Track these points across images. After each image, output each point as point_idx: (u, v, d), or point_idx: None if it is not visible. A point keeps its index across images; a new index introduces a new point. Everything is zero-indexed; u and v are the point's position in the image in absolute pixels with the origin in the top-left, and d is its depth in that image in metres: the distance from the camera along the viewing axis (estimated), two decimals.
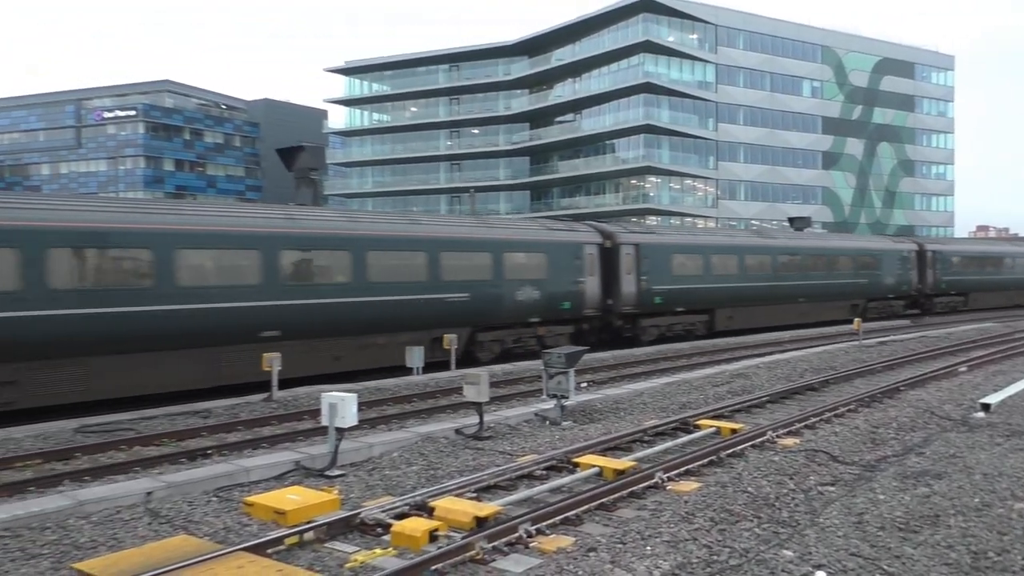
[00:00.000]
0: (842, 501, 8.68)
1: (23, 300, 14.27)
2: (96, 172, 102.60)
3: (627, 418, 14.14)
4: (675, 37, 71.33)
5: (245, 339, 17.04)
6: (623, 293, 25.95)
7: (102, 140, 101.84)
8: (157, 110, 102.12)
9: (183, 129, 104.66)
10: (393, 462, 10.99)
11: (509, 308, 22.72)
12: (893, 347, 25.32)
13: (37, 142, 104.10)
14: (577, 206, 76.18)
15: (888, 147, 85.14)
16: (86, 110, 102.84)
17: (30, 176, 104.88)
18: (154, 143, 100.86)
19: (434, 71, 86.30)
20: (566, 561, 6.98)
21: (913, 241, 42.58)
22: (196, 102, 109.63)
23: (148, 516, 8.62)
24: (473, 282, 21.78)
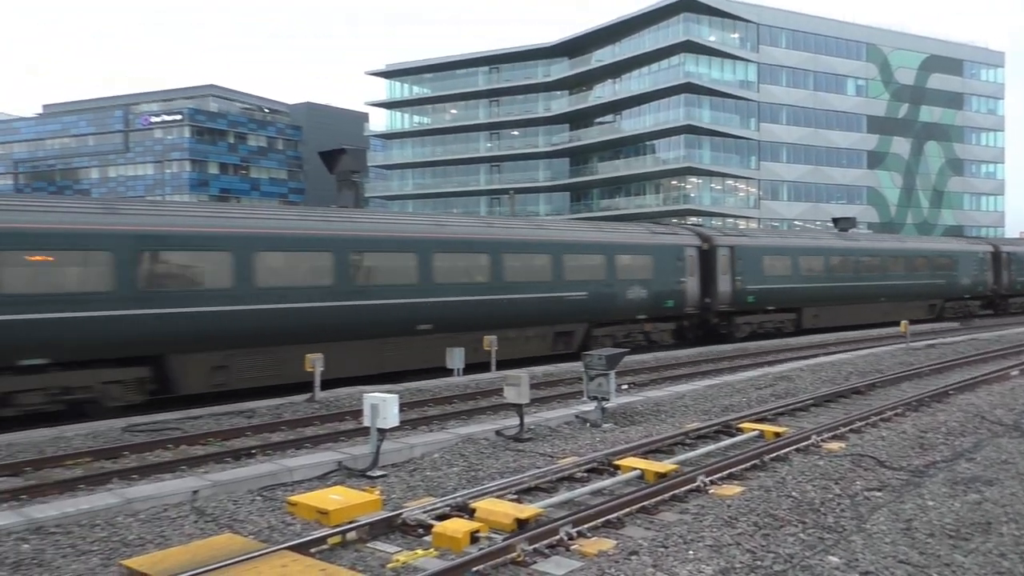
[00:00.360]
0: (890, 507, 8.52)
1: (235, 297, 16.51)
2: (143, 176, 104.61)
3: (668, 421, 14.04)
4: (716, 36, 70.73)
5: (405, 332, 19.51)
6: (719, 292, 27.82)
7: (149, 144, 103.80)
8: (202, 114, 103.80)
9: (227, 133, 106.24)
10: (434, 463, 11.03)
11: (621, 306, 24.83)
12: (942, 350, 24.81)
13: (87, 146, 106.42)
14: (617, 207, 75.89)
15: (936, 146, 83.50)
16: (134, 115, 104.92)
17: (80, 180, 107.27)
18: (199, 147, 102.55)
19: (474, 73, 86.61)
20: (607, 564, 6.95)
21: (988, 243, 43.63)
22: (240, 106, 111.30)
23: (194, 514, 8.75)
24: (590, 282, 23.90)
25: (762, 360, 23.11)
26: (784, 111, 73.35)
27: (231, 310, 16.53)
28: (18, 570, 7.20)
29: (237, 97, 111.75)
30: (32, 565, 7.30)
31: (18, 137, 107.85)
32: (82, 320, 14.58)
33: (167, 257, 16.07)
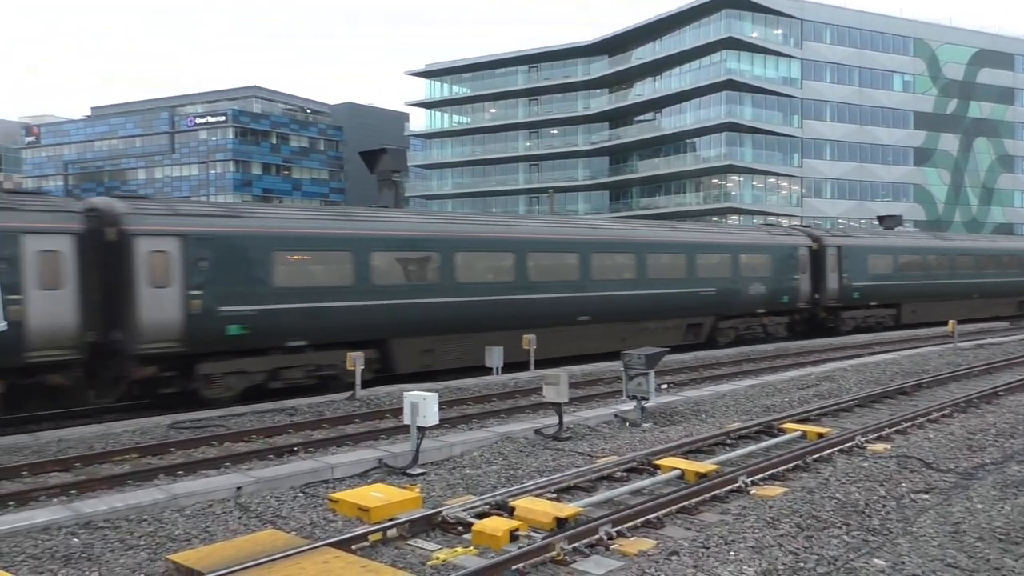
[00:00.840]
0: (937, 509, 8.36)
1: (441, 291, 19.57)
2: (188, 176, 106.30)
3: (709, 420, 13.92)
4: (759, 33, 69.91)
5: (567, 322, 22.30)
6: (828, 289, 29.90)
7: (194, 145, 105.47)
8: (246, 115, 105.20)
9: (270, 133, 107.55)
10: (473, 461, 11.06)
11: (744, 300, 27.25)
12: (991, 350, 24.29)
13: (134, 148, 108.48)
14: (656, 206, 75.42)
15: (985, 142, 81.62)
16: (179, 116, 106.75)
17: (127, 180, 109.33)
18: (242, 147, 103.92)
19: (513, 72, 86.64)
20: (647, 564, 6.91)
21: None
22: (282, 107, 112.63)
23: (238, 510, 8.88)
24: (718, 279, 26.38)
25: (804, 360, 22.81)
26: (828, 107, 72.26)
27: (438, 302, 19.54)
28: (68, 563, 7.36)
29: (279, 98, 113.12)
30: (82, 559, 7.46)
31: (68, 139, 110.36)
32: (332, 309, 17.70)
33: (391, 257, 19.01)
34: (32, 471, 10.68)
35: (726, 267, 26.57)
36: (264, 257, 16.72)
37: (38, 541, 7.79)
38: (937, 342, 26.55)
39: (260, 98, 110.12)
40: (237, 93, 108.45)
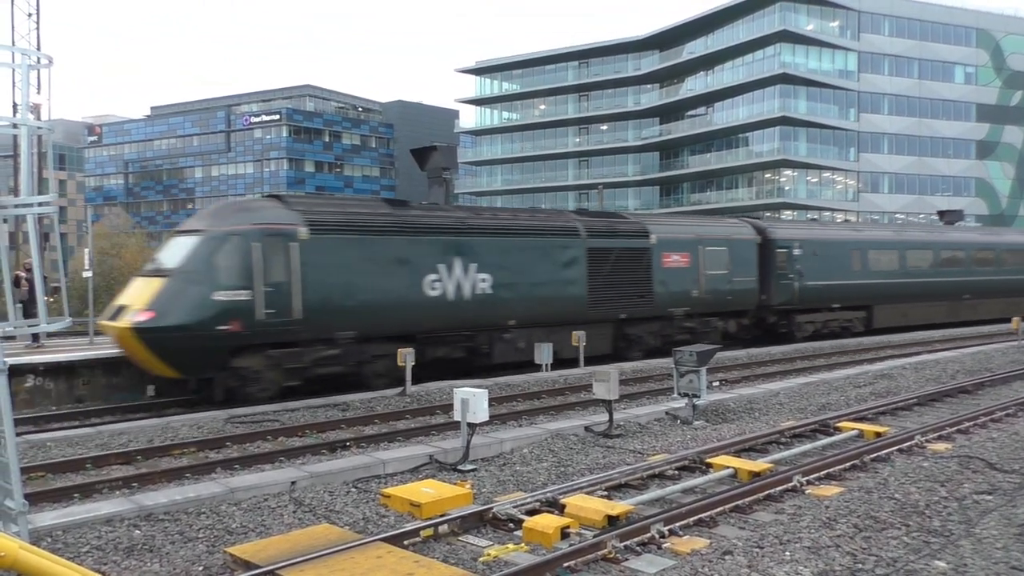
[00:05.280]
0: (1001, 511, 8.13)
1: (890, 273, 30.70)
2: (244, 174, 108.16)
3: (762, 419, 13.73)
4: (814, 25, 68.66)
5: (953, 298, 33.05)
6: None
7: (249, 144, 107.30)
8: (299, 114, 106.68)
9: (323, 132, 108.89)
10: (523, 458, 11.07)
11: None
12: None
13: (191, 147, 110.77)
14: (708, 201, 74.61)
15: None
16: (235, 115, 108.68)
17: (185, 179, 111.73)
18: (296, 146, 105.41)
19: (563, 68, 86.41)
20: (701, 563, 6.84)
21: None
22: (335, 105, 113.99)
23: (292, 504, 9.01)
24: None
25: (861, 358, 22.36)
26: (886, 100, 70.68)
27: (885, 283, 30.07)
28: (131, 555, 7.54)
29: (332, 96, 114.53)
30: (144, 551, 7.64)
31: (129, 138, 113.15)
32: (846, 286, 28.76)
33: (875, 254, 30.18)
34: (96, 463, 10.97)
35: None
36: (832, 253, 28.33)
37: (101, 532, 7.99)
38: (1001, 339, 25.82)
39: (313, 96, 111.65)
40: (291, 92, 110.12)
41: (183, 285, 15.39)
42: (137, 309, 15.17)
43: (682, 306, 23.56)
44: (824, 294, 27.82)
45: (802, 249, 27.24)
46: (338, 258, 16.84)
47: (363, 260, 17.28)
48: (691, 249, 24.05)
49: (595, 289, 21.35)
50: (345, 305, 16.86)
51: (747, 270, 25.49)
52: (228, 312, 15.30)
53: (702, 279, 24.12)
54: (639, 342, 22.63)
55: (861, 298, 29.17)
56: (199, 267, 15.52)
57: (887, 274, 30.29)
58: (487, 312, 19.29)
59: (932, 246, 33.00)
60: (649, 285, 22.75)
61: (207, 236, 15.93)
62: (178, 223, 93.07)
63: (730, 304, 25.04)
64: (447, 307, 18.50)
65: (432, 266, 18.29)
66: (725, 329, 25.08)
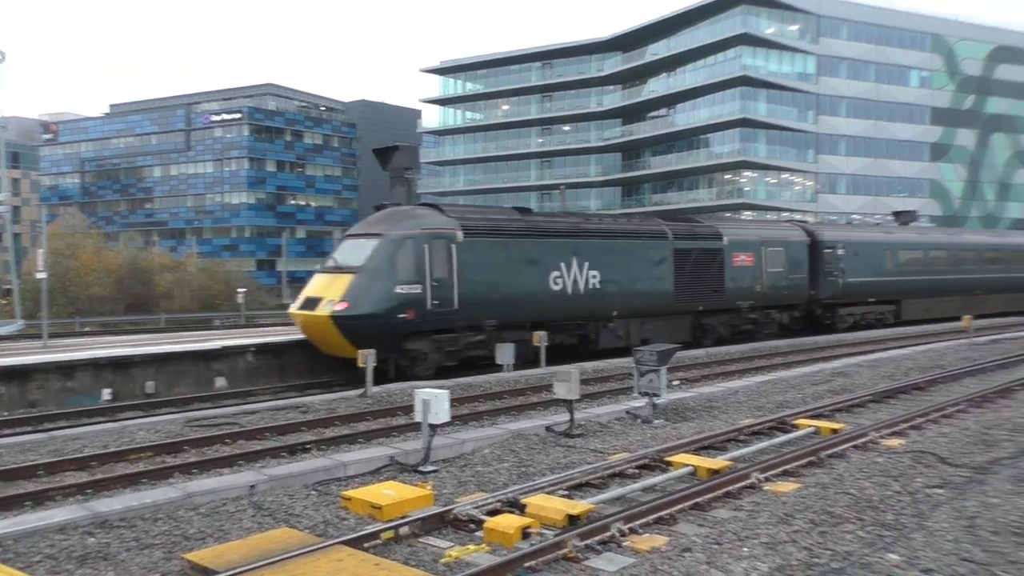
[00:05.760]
0: (952, 504, 8.32)
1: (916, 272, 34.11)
2: (203, 174, 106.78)
3: (721, 417, 13.89)
4: (775, 29, 69.57)
5: (967, 294, 36.09)
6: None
7: (209, 143, 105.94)
8: (260, 113, 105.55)
9: (284, 131, 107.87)
10: (485, 458, 11.07)
11: None
12: (1006, 345, 24.11)
13: (150, 145, 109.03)
14: (669, 202, 75.24)
15: (1003, 137, 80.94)
16: (195, 114, 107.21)
17: (143, 178, 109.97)
18: (257, 145, 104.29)
19: (527, 69, 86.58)
20: (660, 561, 6.90)
21: None
22: (297, 104, 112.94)
23: (252, 508, 8.92)
24: None
25: (817, 356, 22.71)
26: (844, 103, 71.84)
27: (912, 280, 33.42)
28: (85, 563, 7.40)
29: (294, 95, 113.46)
30: (98, 558, 7.50)
31: (85, 136, 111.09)
32: (875, 282, 31.80)
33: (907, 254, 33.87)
34: (49, 470, 10.76)
35: None
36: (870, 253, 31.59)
37: (54, 541, 7.82)
38: (952, 337, 26.37)
39: (275, 95, 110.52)
40: (252, 91, 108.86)
41: (370, 280, 18.31)
42: (333, 300, 18.06)
43: (748, 300, 26.85)
44: (863, 289, 31.31)
45: (845, 250, 30.45)
46: (485, 258, 19.92)
47: (503, 260, 20.39)
48: (755, 250, 27.34)
49: (680, 284, 24.66)
50: (490, 297, 19.92)
51: (800, 268, 28.79)
52: (406, 303, 18.41)
53: (764, 276, 27.42)
54: (712, 331, 25.94)
55: (892, 293, 32.80)
56: (382, 265, 18.47)
57: (913, 272, 33.76)
58: (596, 304, 22.48)
59: (950, 247, 36.68)
60: (722, 281, 26.02)
61: (387, 239, 18.80)
62: (136, 223, 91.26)
63: (786, 298, 28.34)
64: (566, 300, 21.74)
65: (556, 264, 21.50)
66: (780, 320, 28.38)
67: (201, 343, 20.66)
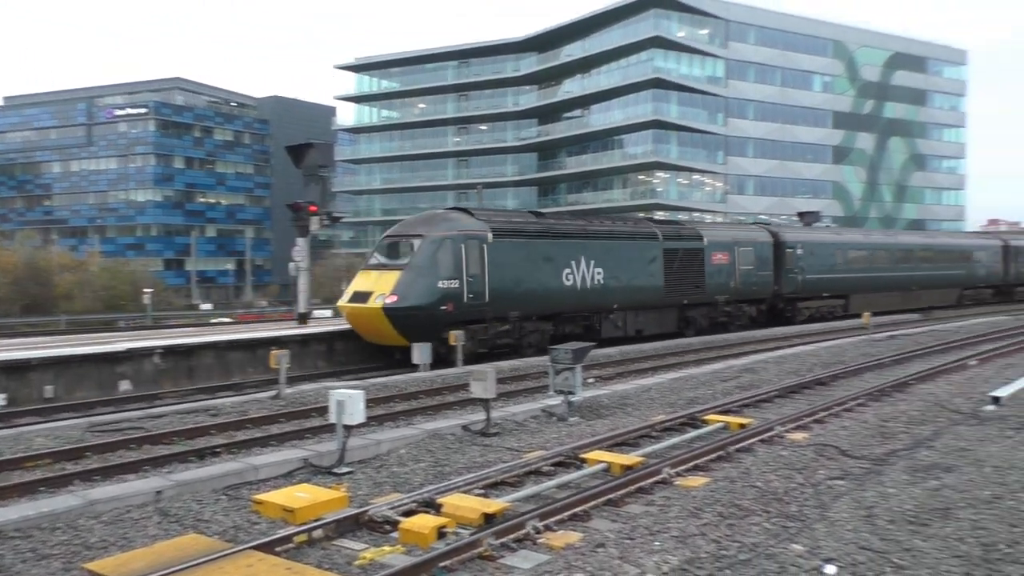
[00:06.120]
0: (852, 495, 8.65)
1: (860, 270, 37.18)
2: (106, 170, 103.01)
3: (634, 414, 14.12)
4: (685, 32, 71.12)
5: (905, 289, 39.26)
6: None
7: (113, 138, 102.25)
8: (168, 107, 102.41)
9: (193, 127, 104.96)
10: (400, 459, 11.00)
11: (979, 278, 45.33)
12: (903, 341, 25.20)
13: (49, 140, 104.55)
14: (584, 202, 76.16)
15: (899, 141, 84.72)
16: (97, 108, 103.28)
17: (41, 174, 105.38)
18: (165, 141, 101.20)
19: (443, 67, 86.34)
20: (574, 557, 6.98)
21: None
22: (206, 99, 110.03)
23: (158, 515, 8.65)
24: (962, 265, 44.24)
25: (727, 352, 23.32)
26: (751, 107, 73.97)
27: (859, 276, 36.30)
28: None
29: (203, 90, 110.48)
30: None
31: None
32: (824, 279, 34.63)
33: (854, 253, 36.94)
34: None
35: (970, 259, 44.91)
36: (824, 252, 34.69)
37: None
38: (853, 334, 27.44)
39: (183, 90, 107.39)
40: (159, 84, 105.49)
41: (416, 276, 20.33)
42: (384, 293, 20.10)
43: (724, 294, 29.50)
44: (818, 285, 34.46)
45: (803, 250, 33.50)
46: (510, 257, 22.08)
47: (525, 258, 22.57)
48: (729, 249, 29.89)
49: (668, 280, 27.16)
50: (515, 292, 22.10)
51: (766, 266, 31.57)
52: (447, 296, 20.48)
53: (737, 273, 30.09)
54: (694, 322, 28.47)
55: (843, 289, 35.86)
56: (426, 263, 20.48)
57: (860, 270, 36.98)
58: (600, 298, 24.85)
59: (889, 247, 40.01)
60: (703, 278, 28.63)
61: (428, 239, 20.80)
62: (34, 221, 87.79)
63: (755, 293, 31.08)
64: (576, 294, 24.06)
65: (567, 262, 23.81)
66: (750, 313, 31.13)
67: (104, 345, 19.92)
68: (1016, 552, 6.94)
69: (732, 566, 6.71)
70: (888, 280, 38.65)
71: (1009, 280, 48.24)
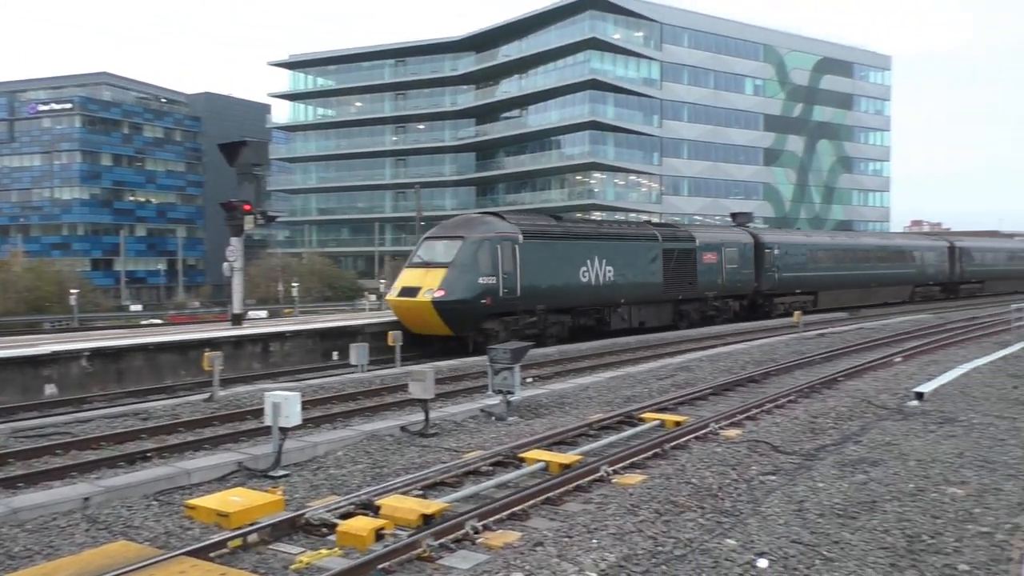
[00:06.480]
0: (783, 490, 8.85)
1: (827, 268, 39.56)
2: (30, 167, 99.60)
3: (573, 413, 14.21)
4: (621, 34, 71.88)
5: (864, 287, 42.21)
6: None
7: (36, 134, 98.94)
8: (95, 103, 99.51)
9: (121, 123, 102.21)
10: (338, 461, 10.89)
11: (927, 275, 48.54)
12: (831, 339, 25.89)
13: None
14: (522, 202, 76.37)
15: (827, 144, 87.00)
16: (19, 103, 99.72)
17: None
18: (91, 137, 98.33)
19: (380, 66, 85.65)
20: (513, 556, 7.00)
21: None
22: (135, 95, 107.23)
23: (86, 522, 8.40)
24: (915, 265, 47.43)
25: (663, 352, 23.64)
26: (686, 109, 75.12)
27: (826, 275, 39.36)
28: None
29: (132, 86, 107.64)
30: None
31: None
32: (803, 277, 37.47)
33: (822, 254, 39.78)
34: None
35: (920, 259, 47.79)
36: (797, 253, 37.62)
37: None
38: (785, 332, 28.09)
39: (111, 85, 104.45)
40: (85, 79, 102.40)
41: (460, 273, 22.51)
42: (432, 288, 22.23)
43: (712, 290, 32.05)
44: (792, 283, 37.30)
45: (779, 250, 36.41)
46: (537, 256, 24.45)
47: (550, 257, 24.98)
48: (717, 250, 32.51)
49: (666, 278, 29.60)
50: (541, 287, 24.47)
51: (748, 265, 34.16)
52: (486, 291, 22.75)
53: (724, 272, 32.64)
54: (688, 316, 31.07)
55: (812, 286, 38.80)
56: (468, 261, 22.71)
57: (827, 269, 39.89)
58: (610, 293, 27.33)
59: (852, 248, 43.37)
60: (695, 275, 31.11)
61: (469, 240, 23.11)
62: None
63: (739, 289, 33.67)
64: (591, 289, 26.55)
65: (584, 261, 26.24)
66: (734, 308, 33.76)
67: (28, 348, 19.24)
68: (938, 542, 7.20)
69: (668, 562, 6.81)
70: (851, 278, 41.85)
71: (955, 278, 51.49)
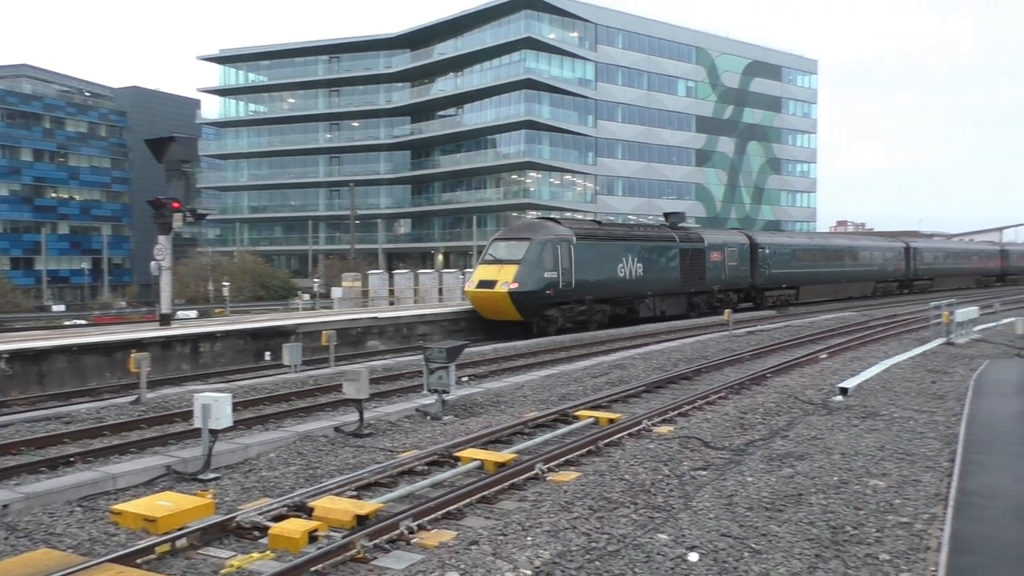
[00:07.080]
0: (713, 485, 9.03)
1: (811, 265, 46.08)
2: None
3: (508, 411, 14.26)
4: (556, 34, 72.30)
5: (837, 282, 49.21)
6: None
7: None
8: (14, 96, 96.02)
9: (43, 117, 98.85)
10: (270, 463, 10.73)
11: (887, 274, 54.65)
12: (760, 336, 26.48)
13: None
14: (458, 200, 76.28)
15: (757, 146, 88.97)
16: None
17: None
18: (10, 132, 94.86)
19: (313, 62, 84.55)
20: (448, 555, 7.00)
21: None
22: (57, 88, 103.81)
23: (5, 530, 8.11)
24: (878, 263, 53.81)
25: (597, 349, 23.85)
26: (620, 109, 75.94)
27: (807, 272, 44.91)
28: None
29: (54, 79, 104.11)
30: None
31: None
32: (781, 273, 43.12)
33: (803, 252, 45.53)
34: None
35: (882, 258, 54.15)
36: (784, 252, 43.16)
37: None
38: (716, 330, 28.63)
39: (31, 78, 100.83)
40: (4, 71, 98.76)
41: (531, 268, 27.41)
42: (508, 281, 27.02)
43: (717, 285, 37.71)
44: (779, 279, 43.05)
45: (769, 250, 42.18)
46: (587, 254, 29.51)
47: (596, 256, 30.16)
48: (721, 249, 38.06)
49: (683, 273, 35.13)
50: (589, 281, 29.62)
51: (745, 263, 39.83)
52: (549, 284, 27.81)
53: (726, 268, 38.23)
54: (698, 306, 36.55)
55: (795, 281, 44.57)
56: (536, 258, 27.64)
57: (807, 266, 45.53)
58: (639, 287, 32.56)
59: (827, 248, 49.24)
60: (704, 271, 36.63)
61: (535, 241, 28.11)
62: None
63: (738, 283, 39.45)
64: (626, 283, 31.79)
65: (621, 258, 31.49)
66: (734, 300, 38.51)
67: None
68: (861, 533, 7.44)
69: (601, 558, 6.89)
70: (826, 275, 47.96)
71: (910, 275, 58.37)
